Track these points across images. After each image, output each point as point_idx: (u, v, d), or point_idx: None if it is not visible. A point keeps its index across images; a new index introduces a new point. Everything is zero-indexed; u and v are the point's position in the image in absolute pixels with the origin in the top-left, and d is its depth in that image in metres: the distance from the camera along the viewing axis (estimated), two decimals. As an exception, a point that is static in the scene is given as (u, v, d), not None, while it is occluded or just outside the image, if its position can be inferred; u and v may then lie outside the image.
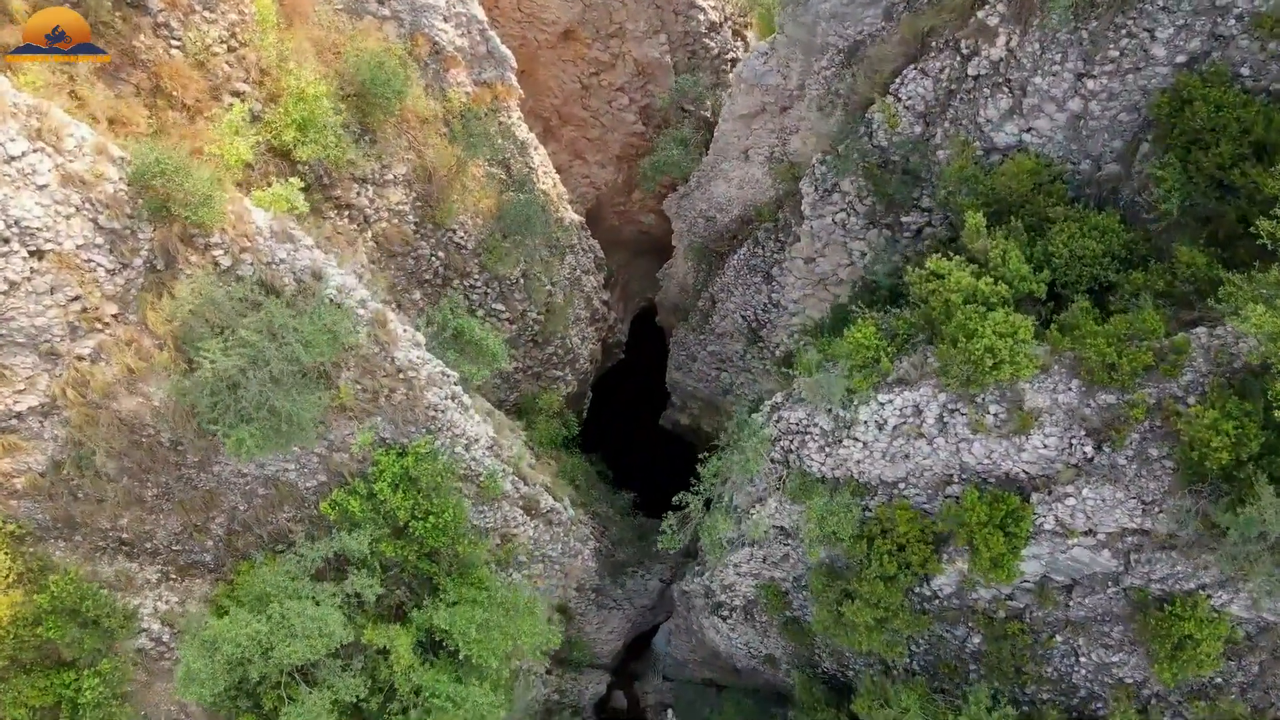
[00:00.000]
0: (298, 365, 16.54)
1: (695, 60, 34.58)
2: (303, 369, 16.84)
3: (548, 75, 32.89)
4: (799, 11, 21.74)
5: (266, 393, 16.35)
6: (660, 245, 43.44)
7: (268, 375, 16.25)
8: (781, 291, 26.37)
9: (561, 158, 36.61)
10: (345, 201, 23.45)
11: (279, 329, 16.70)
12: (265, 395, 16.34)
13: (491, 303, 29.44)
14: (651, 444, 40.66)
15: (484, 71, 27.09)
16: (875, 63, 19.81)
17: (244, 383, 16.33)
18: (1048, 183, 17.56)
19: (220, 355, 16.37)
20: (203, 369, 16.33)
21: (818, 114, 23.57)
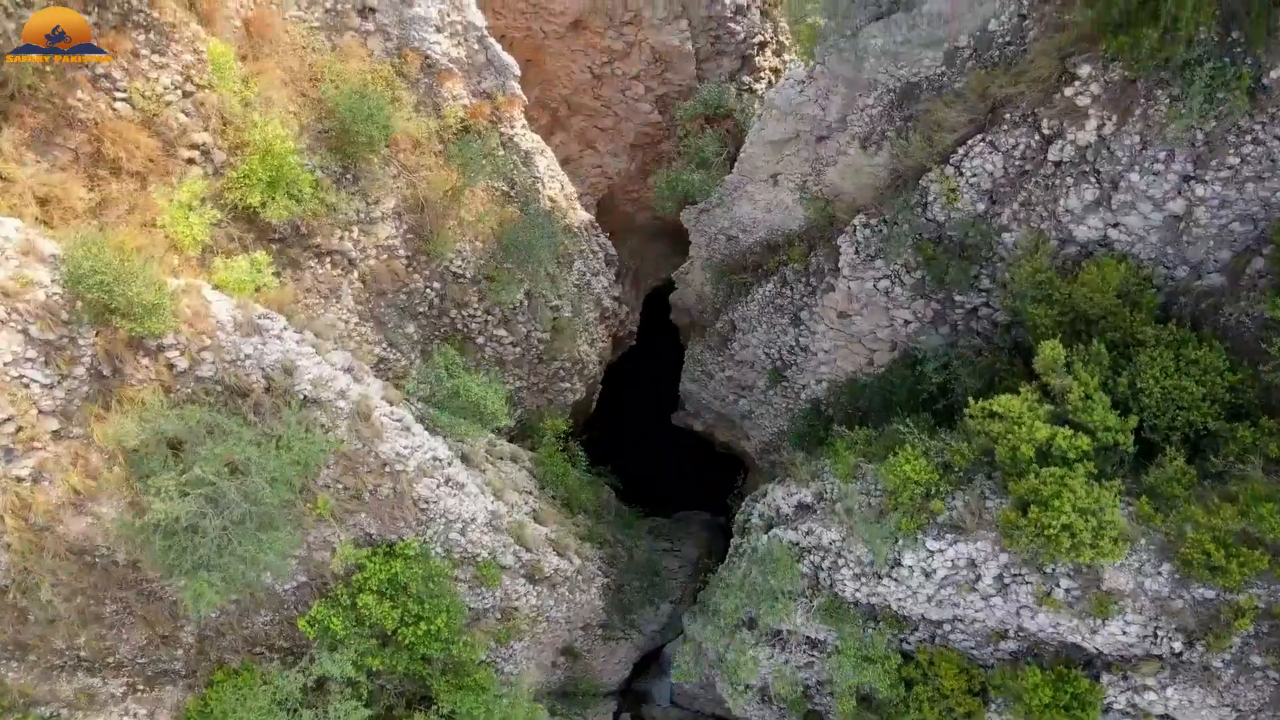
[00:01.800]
0: (263, 506, 14.40)
1: (719, 45, 31.29)
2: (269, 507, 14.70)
3: (556, 65, 29.71)
4: (844, 43, 18.70)
5: (229, 536, 14.25)
6: (676, 229, 40.35)
7: (229, 519, 14.12)
8: (810, 338, 23.90)
9: (571, 148, 33.63)
10: (326, 249, 20.92)
11: (241, 463, 14.51)
12: (227, 539, 14.25)
13: (493, 329, 27.07)
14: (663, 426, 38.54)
15: (483, 81, 24.12)
16: (935, 126, 16.94)
17: (202, 526, 14.22)
18: (1135, 290, 14.96)
19: (173, 494, 14.22)
20: (152, 511, 14.20)
21: (860, 152, 20.72)
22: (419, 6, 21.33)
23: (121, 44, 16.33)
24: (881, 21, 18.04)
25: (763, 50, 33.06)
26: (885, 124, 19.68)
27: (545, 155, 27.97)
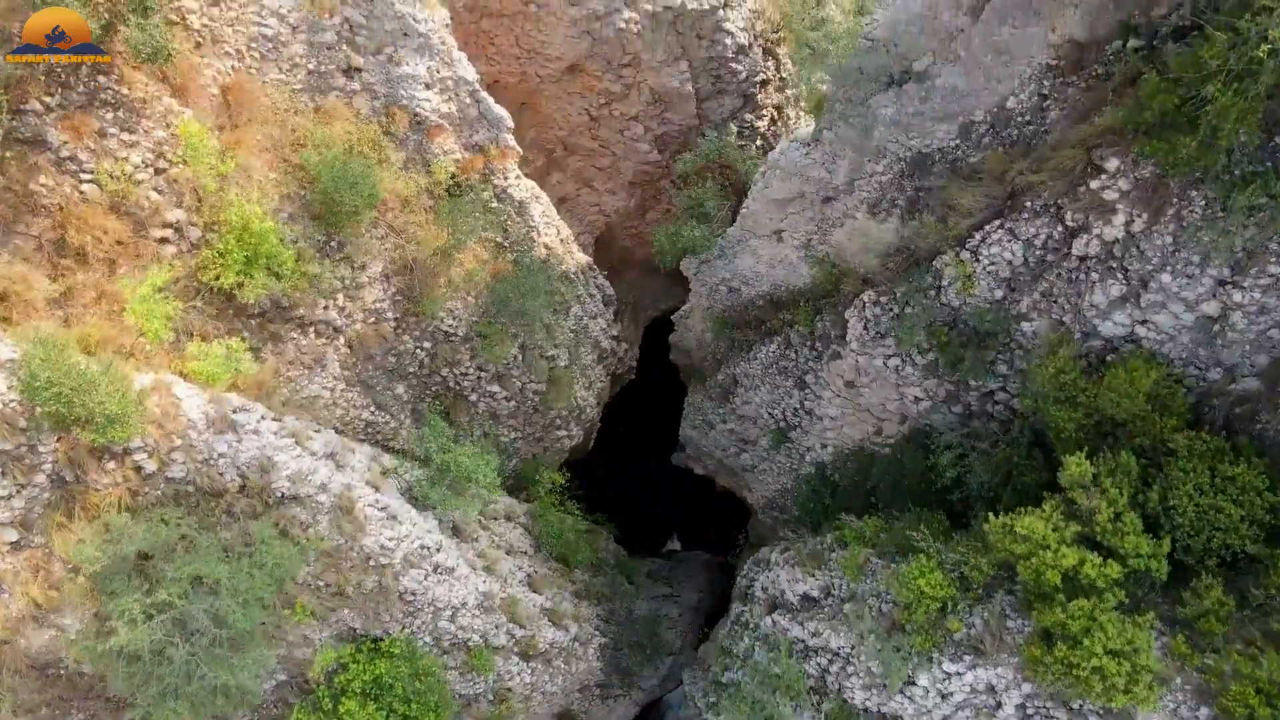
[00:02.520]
0: (235, 630, 13.46)
1: (720, 85, 30.31)
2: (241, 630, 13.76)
3: (552, 108, 28.74)
4: (853, 110, 17.76)
5: (198, 662, 13.32)
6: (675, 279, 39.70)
7: (198, 645, 13.19)
8: (816, 402, 22.96)
9: (568, 186, 32.66)
10: (310, 320, 19.96)
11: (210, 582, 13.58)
12: (196, 665, 13.32)
13: (486, 385, 26.13)
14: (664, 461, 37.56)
15: (475, 134, 23.17)
16: (950, 208, 16.00)
17: (169, 652, 13.29)
18: (1165, 393, 14.02)
19: (138, 618, 13.28)
20: (116, 637, 13.27)
21: (868, 217, 19.78)
22: (407, 65, 20.38)
23: (88, 124, 15.40)
24: (892, 91, 17.11)
25: (765, 88, 32.10)
26: (895, 192, 18.76)
27: (540, 202, 27.03)
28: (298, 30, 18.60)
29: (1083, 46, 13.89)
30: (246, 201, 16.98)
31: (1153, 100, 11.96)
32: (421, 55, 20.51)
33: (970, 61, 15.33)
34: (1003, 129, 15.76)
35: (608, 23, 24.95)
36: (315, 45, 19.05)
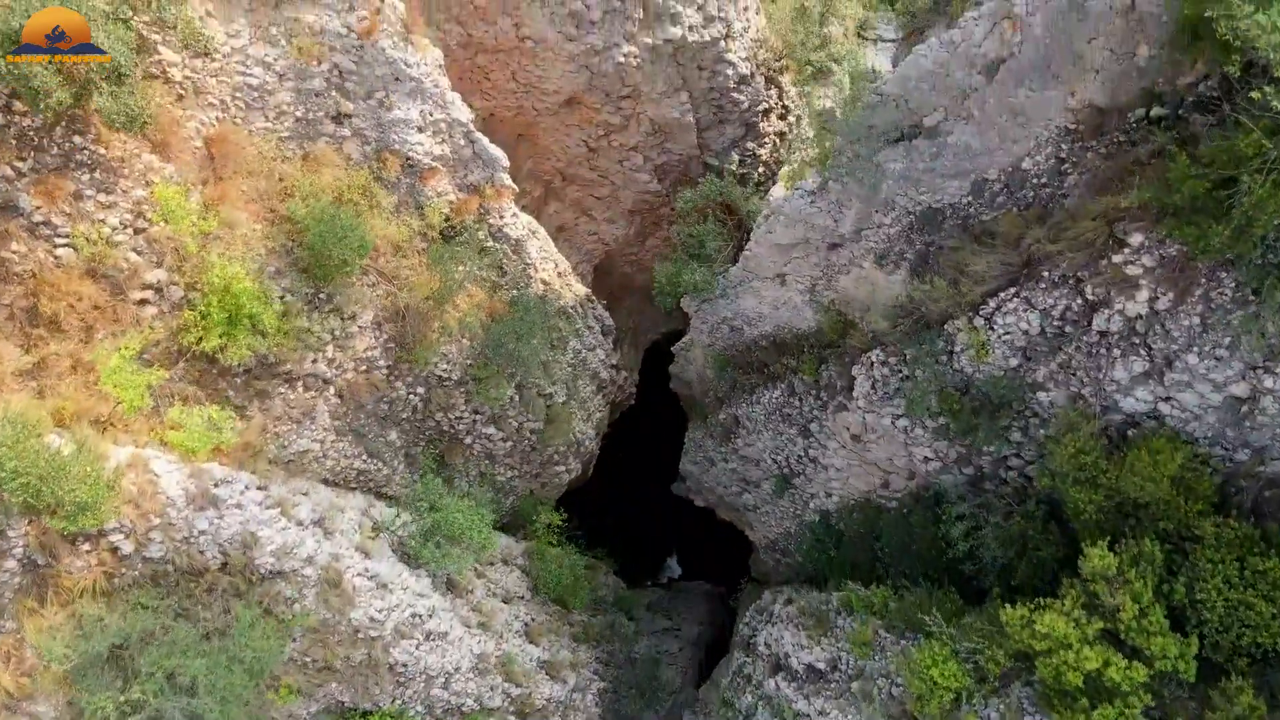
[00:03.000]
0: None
1: (722, 114, 29.67)
2: None
3: (549, 140, 28.07)
4: (860, 162, 17.10)
5: (174, 761, 12.68)
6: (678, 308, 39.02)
7: (173, 744, 12.56)
8: (821, 451, 22.30)
9: (566, 216, 32.01)
10: (299, 374, 19.30)
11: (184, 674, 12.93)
12: (173, 764, 12.68)
13: (482, 428, 25.48)
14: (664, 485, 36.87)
15: (470, 174, 22.50)
16: (961, 272, 15.34)
17: (144, 751, 12.66)
18: (1191, 475, 13.37)
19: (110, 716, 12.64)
20: (88, 737, 12.64)
21: (876, 268, 19.13)
22: (399, 109, 19.71)
23: (63, 187, 14.75)
24: (902, 146, 16.43)
25: (767, 116, 31.45)
26: (904, 244, 18.10)
27: (537, 237, 26.38)
28: (284, 78, 17.93)
29: (1103, 112, 13.23)
30: (229, 261, 16.31)
31: (1182, 184, 11.30)
32: (414, 99, 19.84)
33: (984, 121, 14.67)
34: (1017, 190, 15.09)
35: (607, 57, 24.27)
36: (303, 93, 18.38)
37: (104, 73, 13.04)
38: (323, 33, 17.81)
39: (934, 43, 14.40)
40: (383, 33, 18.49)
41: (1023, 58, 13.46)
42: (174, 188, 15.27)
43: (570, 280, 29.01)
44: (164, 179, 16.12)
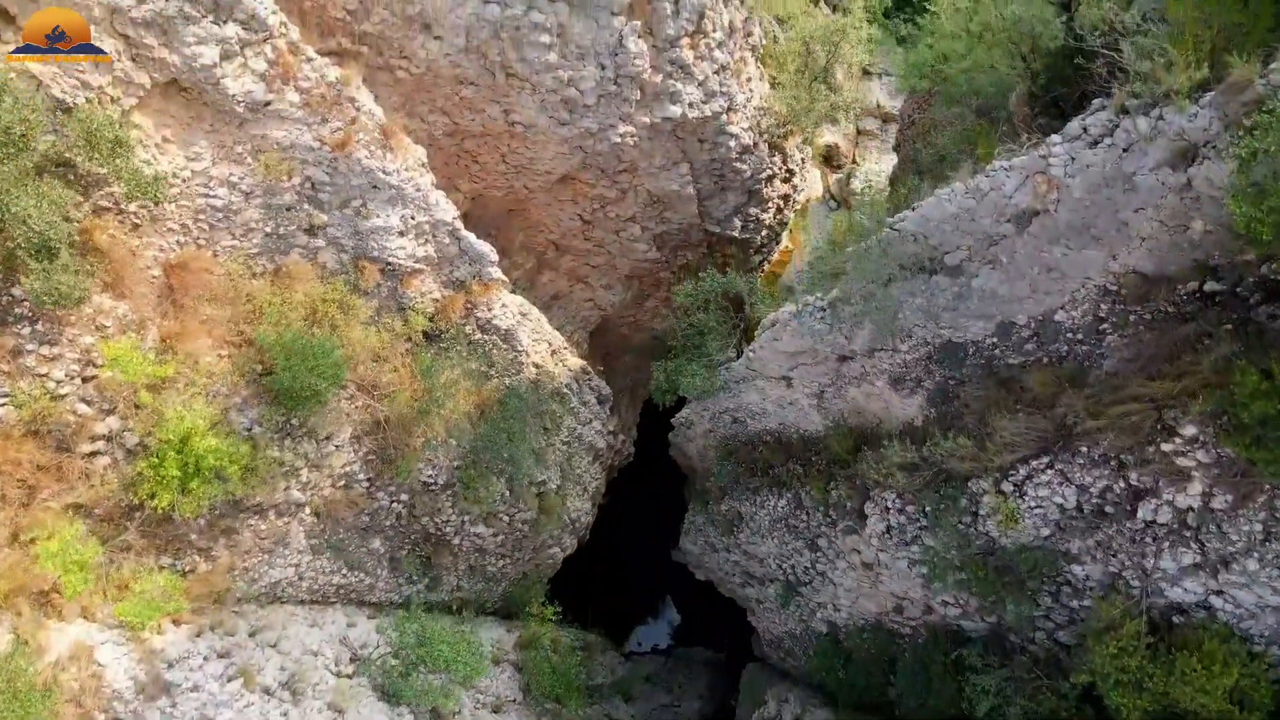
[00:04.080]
0: None
1: (724, 183, 28.31)
2: None
3: (542, 214, 26.70)
4: (876, 288, 15.76)
5: None
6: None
7: None
8: (829, 567, 20.98)
9: (560, 284, 30.65)
10: (269, 505, 17.96)
11: None
12: None
13: (470, 527, 24.16)
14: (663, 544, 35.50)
15: (456, 271, 21.19)
16: (986, 430, 13.98)
17: None
18: (1248, 685, 12.04)
19: None
20: None
21: (891, 390, 17.81)
22: (377, 217, 18.37)
23: (1, 344, 13.37)
24: (920, 279, 15.07)
25: (771, 182, 30.12)
26: (922, 372, 16.78)
27: (530, 319, 25.08)
28: (252, 196, 16.59)
29: (1149, 279, 11.89)
30: (188, 409, 14.95)
31: (1251, 403, 9.98)
32: (393, 205, 18.49)
33: (1013, 269, 13.32)
34: (1049, 341, 13.74)
35: (602, 138, 22.90)
36: (273, 208, 17.04)
37: (31, 247, 11.65)
38: (293, 147, 16.46)
39: (959, 188, 13.04)
40: (359, 143, 17.13)
41: (1059, 217, 12.10)
42: (124, 341, 13.87)
43: (565, 355, 27.71)
44: (117, 320, 14.78)
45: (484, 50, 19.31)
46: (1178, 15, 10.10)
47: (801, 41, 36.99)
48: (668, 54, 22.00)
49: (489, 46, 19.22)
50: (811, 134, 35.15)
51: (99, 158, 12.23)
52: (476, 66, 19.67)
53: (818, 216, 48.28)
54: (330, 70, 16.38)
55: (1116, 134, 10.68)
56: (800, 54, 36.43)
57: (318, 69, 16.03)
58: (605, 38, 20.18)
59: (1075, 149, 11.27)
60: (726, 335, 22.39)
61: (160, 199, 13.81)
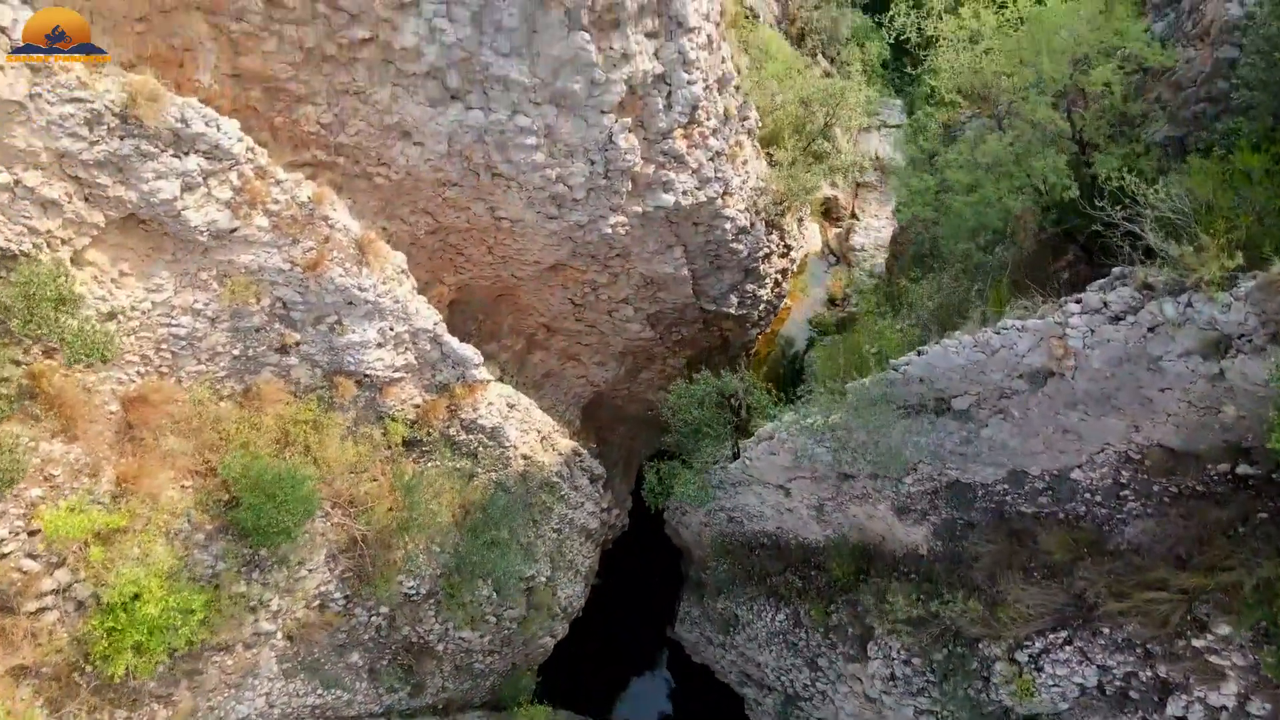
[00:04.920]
0: None
1: (719, 263, 27.43)
2: None
3: (532, 299, 25.84)
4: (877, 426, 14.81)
5: None
6: (672, 415, 36.73)
7: None
8: (830, 688, 19.91)
9: (551, 363, 29.71)
10: (235, 641, 16.93)
11: None
12: None
13: (455, 633, 23.10)
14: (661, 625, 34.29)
15: (439, 374, 20.28)
16: (996, 590, 13.01)
17: None
18: None
19: None
20: None
21: (895, 518, 16.85)
22: (354, 332, 17.47)
23: (-66, 509, 12.42)
24: (926, 418, 14.13)
25: (769, 259, 29.29)
26: (927, 505, 15.82)
27: (518, 409, 24.21)
28: (219, 320, 15.70)
29: (1176, 454, 10.94)
30: (144, 560, 13.97)
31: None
32: (370, 319, 17.61)
33: (1025, 425, 12.39)
34: (1065, 499, 12.80)
35: (592, 229, 22.06)
36: (241, 330, 16.14)
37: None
38: (261, 270, 15.59)
39: (968, 341, 12.14)
40: (332, 261, 16.26)
41: (1076, 384, 11.17)
42: (66, 506, 12.88)
43: (556, 439, 26.81)
44: (68, 468, 13.83)
45: (467, 154, 18.49)
46: (1207, 193, 9.23)
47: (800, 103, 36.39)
48: (660, 145, 21.19)
49: (473, 150, 18.40)
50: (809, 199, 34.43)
51: (38, 324, 11.33)
52: (460, 169, 18.85)
53: (816, 271, 47.44)
54: (302, 190, 15.53)
55: (1140, 314, 9.79)
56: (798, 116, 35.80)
57: (288, 190, 15.18)
58: (595, 135, 19.35)
59: (1095, 322, 10.38)
60: (722, 431, 21.44)
61: (110, 357, 12.90)
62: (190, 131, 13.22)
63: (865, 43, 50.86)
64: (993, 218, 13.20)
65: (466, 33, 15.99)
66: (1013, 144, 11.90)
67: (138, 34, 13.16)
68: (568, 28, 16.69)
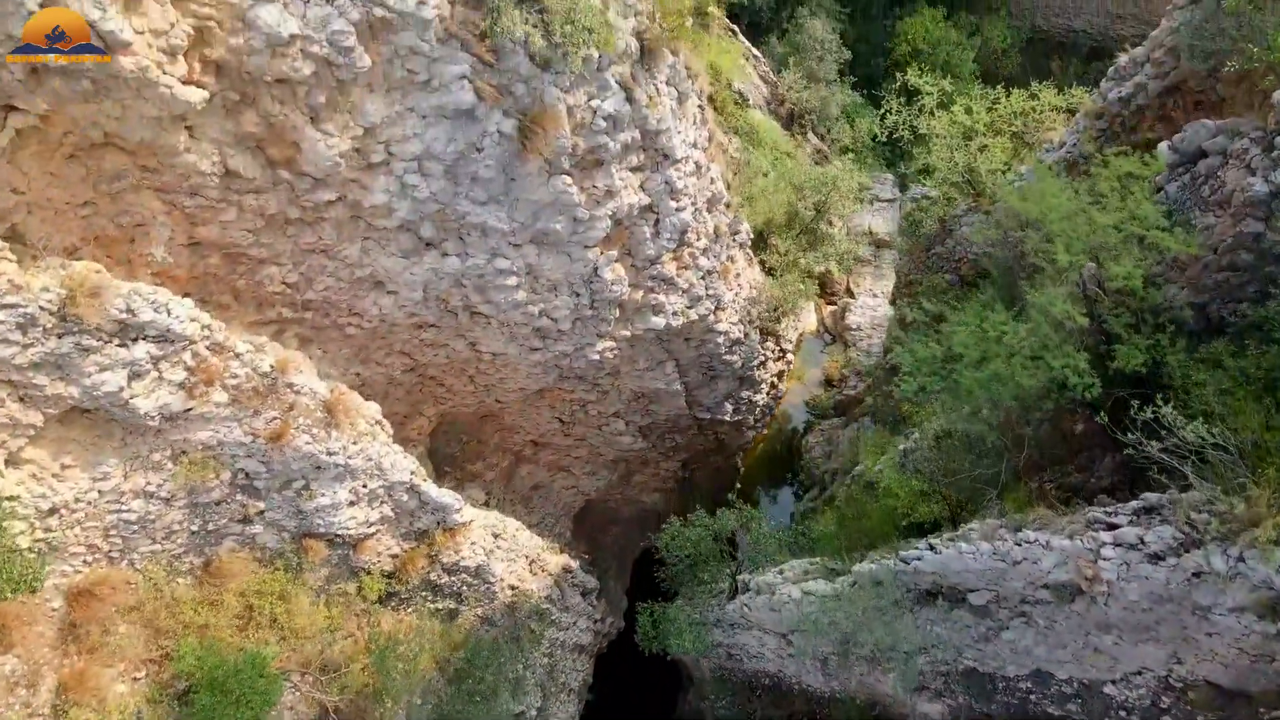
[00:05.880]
0: None
1: (713, 374, 26.48)
2: None
3: (518, 420, 24.76)
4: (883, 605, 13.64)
5: None
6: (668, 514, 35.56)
7: None
8: None
9: (540, 476, 28.54)
10: (192, 839, 15.48)
11: None
12: None
13: (437, 787, 21.54)
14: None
15: (418, 522, 19.11)
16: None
17: None
18: None
19: None
20: None
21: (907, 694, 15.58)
22: (324, 496, 16.34)
23: None
24: (940, 607, 12.96)
25: (764, 365, 28.38)
26: (942, 685, 14.57)
27: (504, 538, 23.00)
28: (174, 500, 14.57)
29: (1226, 693, 9.79)
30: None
31: None
32: (341, 481, 16.49)
33: (1051, 636, 11.27)
34: (1099, 714, 11.58)
35: (579, 357, 21.09)
36: (199, 506, 15.02)
37: None
38: (220, 446, 14.49)
39: (985, 549, 11.05)
40: (298, 429, 15.18)
41: (1110, 610, 10.05)
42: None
43: (545, 559, 25.56)
44: (3, 681, 12.58)
45: (445, 297, 17.55)
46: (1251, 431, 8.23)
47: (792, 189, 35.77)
48: (649, 271, 20.33)
49: (450, 294, 17.47)
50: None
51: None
52: (437, 312, 17.90)
53: (812, 351, 46.50)
54: (264, 359, 14.50)
55: (1184, 558, 8.72)
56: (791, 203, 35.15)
57: (248, 362, 14.16)
58: (579, 269, 18.46)
59: (1131, 558, 9.31)
60: (719, 571, 20.25)
61: (39, 585, 11.75)
62: (138, 321, 12.22)
63: (856, 119, 50.54)
64: (1006, 395, 12.18)
65: (440, 185, 15.12)
66: (1028, 338, 10.94)
67: (83, 218, 12.23)
68: (548, 174, 15.85)
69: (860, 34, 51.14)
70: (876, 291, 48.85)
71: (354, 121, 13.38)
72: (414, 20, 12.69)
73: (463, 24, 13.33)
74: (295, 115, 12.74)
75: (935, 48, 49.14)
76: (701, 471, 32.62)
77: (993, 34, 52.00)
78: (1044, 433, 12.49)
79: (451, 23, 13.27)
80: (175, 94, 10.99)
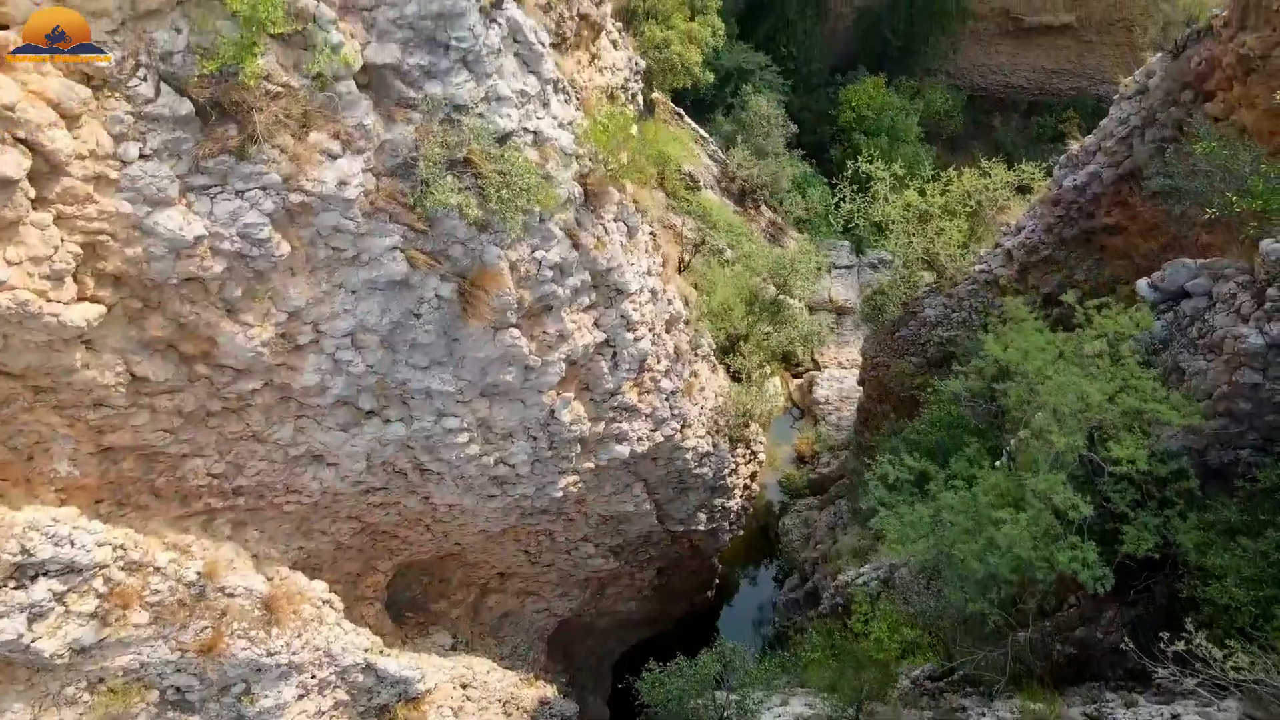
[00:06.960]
0: None
1: (684, 487, 25.29)
2: None
3: (481, 555, 23.34)
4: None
5: None
6: (648, 619, 34.12)
7: None
8: None
9: (510, 603, 27.04)
10: None
11: None
12: None
13: None
14: None
15: (376, 698, 17.54)
16: None
17: None
18: None
19: None
20: None
21: None
22: (267, 697, 14.84)
23: None
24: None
25: (735, 472, 27.28)
26: None
27: (475, 686, 21.68)
28: (92, 737, 12.94)
29: None
30: None
31: None
32: (286, 679, 14.98)
33: None
34: None
35: (541, 496, 19.78)
36: (125, 737, 13.38)
37: None
38: (144, 668, 12.98)
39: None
40: (233, 635, 13.72)
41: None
42: None
43: (520, 696, 24.09)
44: None
45: (391, 461, 16.28)
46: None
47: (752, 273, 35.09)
48: (609, 403, 19.21)
49: (397, 458, 16.20)
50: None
51: None
52: (384, 477, 16.61)
53: (782, 427, 45.51)
54: (190, 565, 13.11)
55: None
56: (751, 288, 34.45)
57: (171, 574, 12.76)
58: (535, 414, 17.30)
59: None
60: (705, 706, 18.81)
61: None
62: (35, 560, 10.82)
63: (807, 189, 50.41)
64: (1004, 569, 11.15)
65: (377, 357, 13.95)
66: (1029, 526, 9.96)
67: (-33, 447, 10.87)
68: (494, 330, 14.77)
69: (804, 103, 51.33)
70: (843, 361, 48.20)
71: (276, 308, 12.23)
72: (336, 201, 11.64)
73: (390, 197, 12.31)
74: (208, 312, 11.57)
75: (879, 114, 49.39)
76: (678, 576, 31.30)
77: (934, 96, 52.50)
78: (1048, 604, 11.46)
79: (378, 196, 12.24)
80: (63, 319, 9.77)
